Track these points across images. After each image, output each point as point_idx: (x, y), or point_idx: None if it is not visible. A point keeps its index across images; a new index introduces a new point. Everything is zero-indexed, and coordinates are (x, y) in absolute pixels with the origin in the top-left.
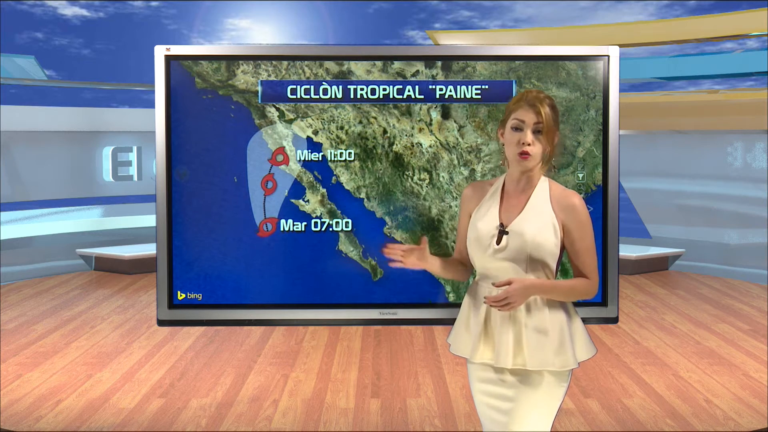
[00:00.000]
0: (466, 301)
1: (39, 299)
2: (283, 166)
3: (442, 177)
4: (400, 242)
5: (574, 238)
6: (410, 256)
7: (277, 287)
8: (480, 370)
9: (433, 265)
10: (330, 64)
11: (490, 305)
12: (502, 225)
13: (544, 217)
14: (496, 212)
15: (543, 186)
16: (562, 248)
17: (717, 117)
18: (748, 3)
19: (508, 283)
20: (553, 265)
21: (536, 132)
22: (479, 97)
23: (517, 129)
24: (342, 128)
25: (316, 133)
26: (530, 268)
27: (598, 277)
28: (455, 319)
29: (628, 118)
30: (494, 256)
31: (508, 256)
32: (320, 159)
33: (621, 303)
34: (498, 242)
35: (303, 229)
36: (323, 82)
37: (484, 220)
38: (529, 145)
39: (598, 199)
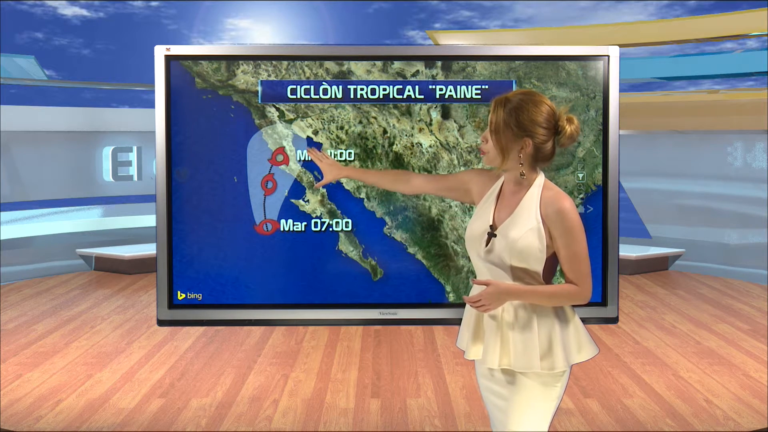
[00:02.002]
0: None
1: (39, 299)
2: (283, 166)
3: None
4: (401, 242)
5: (559, 244)
6: (326, 167)
7: (277, 287)
8: (480, 366)
9: (351, 173)
10: (330, 64)
11: (468, 304)
12: (491, 227)
13: (529, 222)
14: (490, 213)
15: (536, 188)
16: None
17: (717, 117)
18: (748, 3)
19: (487, 284)
20: (539, 269)
21: (491, 132)
22: (479, 97)
23: None
24: (342, 128)
25: (316, 133)
26: (513, 272)
27: (590, 283)
28: (455, 319)
29: (628, 118)
30: (483, 258)
31: (494, 259)
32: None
33: (621, 303)
34: (486, 244)
35: (303, 229)
36: (323, 82)
37: (479, 220)
38: (483, 143)
39: (598, 199)
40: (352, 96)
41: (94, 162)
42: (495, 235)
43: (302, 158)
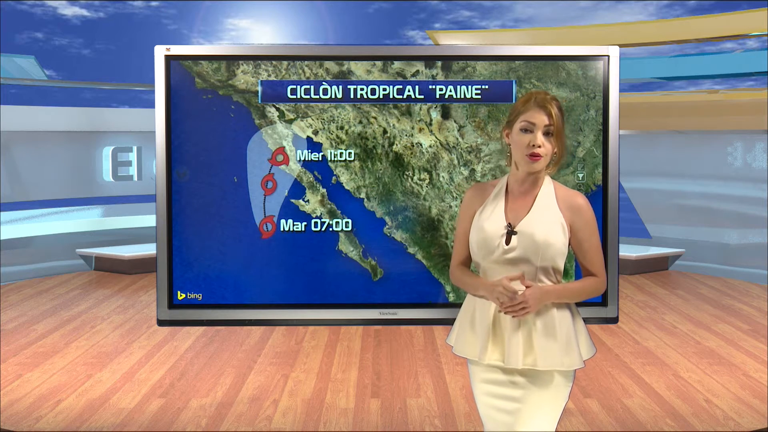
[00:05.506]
0: (469, 301)
1: (39, 299)
2: (283, 166)
3: (442, 177)
4: (401, 242)
5: (582, 237)
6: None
7: (277, 287)
8: (485, 371)
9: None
10: (330, 64)
11: (505, 312)
12: (510, 225)
13: (552, 217)
14: (502, 213)
15: (548, 187)
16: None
17: (717, 117)
18: (748, 3)
19: (521, 278)
20: (561, 265)
21: (546, 134)
22: (479, 97)
23: (527, 131)
24: (342, 128)
25: (316, 133)
26: (540, 268)
27: (605, 274)
28: (455, 319)
29: (628, 118)
30: (502, 257)
31: (517, 257)
32: (320, 159)
33: (621, 303)
34: (507, 242)
35: (303, 229)
36: (323, 82)
37: (491, 220)
38: (540, 147)
39: (598, 199)
40: (352, 96)
41: (94, 162)
42: (515, 233)
43: (302, 158)
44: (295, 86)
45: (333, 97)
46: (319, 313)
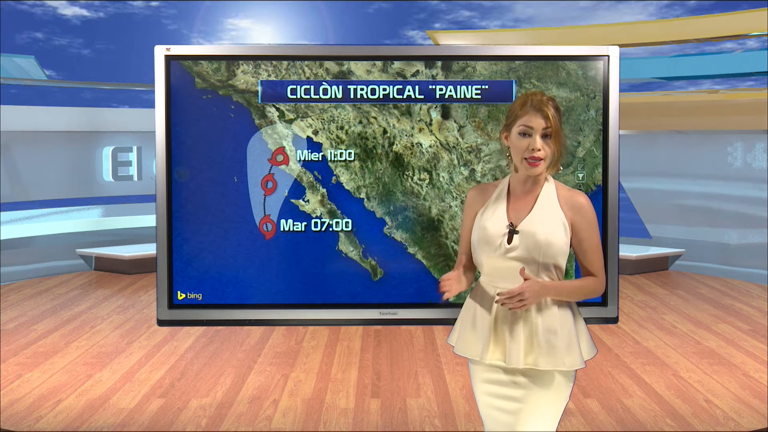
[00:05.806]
0: (470, 301)
1: (39, 299)
2: (283, 166)
3: (442, 177)
4: (401, 242)
5: (582, 236)
6: (456, 284)
7: (277, 287)
8: (486, 371)
9: (465, 282)
10: (330, 64)
11: (502, 303)
12: (512, 224)
13: (554, 216)
14: (504, 212)
15: (549, 186)
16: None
17: (717, 117)
18: (748, 3)
19: (521, 270)
20: (563, 263)
21: (544, 136)
22: (479, 97)
23: (525, 135)
24: (342, 128)
25: (316, 133)
26: (542, 267)
27: (605, 275)
28: (455, 319)
29: (628, 118)
30: (505, 256)
31: (519, 256)
32: (320, 159)
33: (621, 303)
34: (509, 242)
35: (303, 229)
36: (323, 82)
37: (492, 220)
38: (539, 151)
39: (598, 199)
40: (352, 96)
41: (94, 162)
42: (517, 232)
43: (302, 158)
44: (295, 86)
45: (333, 97)
46: (319, 313)
